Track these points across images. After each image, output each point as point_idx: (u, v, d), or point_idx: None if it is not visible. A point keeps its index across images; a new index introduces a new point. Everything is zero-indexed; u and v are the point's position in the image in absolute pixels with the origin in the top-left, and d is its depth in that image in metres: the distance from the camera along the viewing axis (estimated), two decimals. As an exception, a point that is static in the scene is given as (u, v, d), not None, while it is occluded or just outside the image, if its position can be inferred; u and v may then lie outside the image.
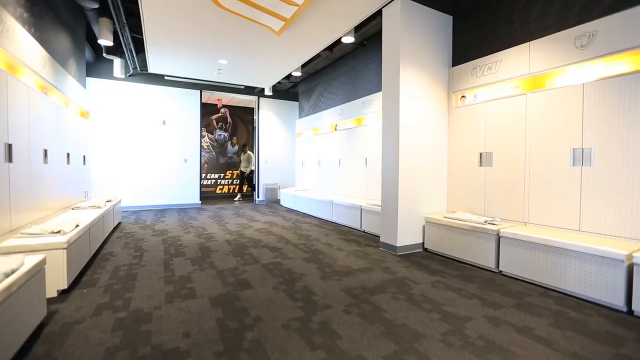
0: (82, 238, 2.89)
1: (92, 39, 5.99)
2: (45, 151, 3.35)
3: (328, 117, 6.87)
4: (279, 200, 8.61)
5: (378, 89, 5.42)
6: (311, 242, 4.20)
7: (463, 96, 3.93)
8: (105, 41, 4.86)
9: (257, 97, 8.54)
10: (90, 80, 6.53)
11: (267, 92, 8.10)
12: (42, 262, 1.95)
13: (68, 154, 4.13)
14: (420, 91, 3.82)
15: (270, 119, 8.76)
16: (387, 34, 3.85)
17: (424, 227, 3.87)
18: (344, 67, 6.40)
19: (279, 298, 2.41)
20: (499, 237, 3.04)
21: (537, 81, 3.14)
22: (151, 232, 4.80)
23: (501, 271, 3.03)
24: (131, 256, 3.48)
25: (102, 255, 3.52)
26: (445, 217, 3.60)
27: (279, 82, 7.66)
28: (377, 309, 2.23)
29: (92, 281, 2.71)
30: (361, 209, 4.95)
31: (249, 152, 9.20)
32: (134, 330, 1.91)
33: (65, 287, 2.38)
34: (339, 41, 5.21)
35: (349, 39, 4.81)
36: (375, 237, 4.52)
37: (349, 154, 6.11)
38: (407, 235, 3.74)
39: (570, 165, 2.87)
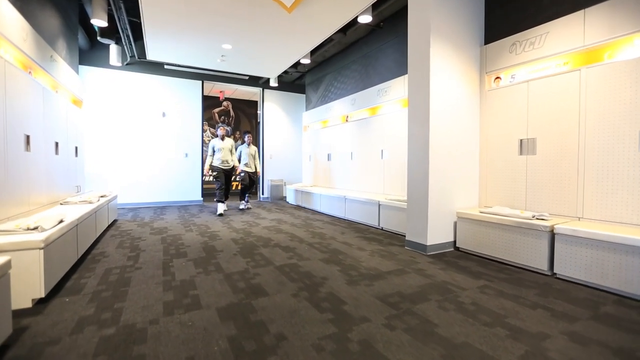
0: (67, 236, 2.46)
1: (86, 25, 5.57)
2: (28, 137, 2.92)
3: (338, 107, 6.44)
4: (285, 197, 8.19)
5: (395, 75, 5.00)
6: (327, 241, 3.77)
7: (497, 77, 3.50)
8: (99, 21, 4.43)
9: (261, 88, 8.12)
10: (84, 69, 6.10)
11: (273, 83, 7.67)
12: (6, 266, 1.53)
13: (57, 143, 3.71)
14: (451, 72, 3.39)
15: (275, 112, 8.34)
16: (414, 8, 3.41)
17: (455, 223, 3.44)
18: (356, 54, 5.96)
19: (303, 308, 1.98)
20: (553, 235, 2.61)
21: (594, 54, 2.70)
22: (149, 230, 4.37)
23: (555, 274, 2.60)
24: (125, 257, 3.05)
25: (93, 255, 3.09)
26: (481, 213, 3.17)
27: (285, 72, 7.23)
28: (426, 323, 1.80)
29: (77, 287, 2.28)
30: (379, 205, 4.52)
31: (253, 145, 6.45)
32: (123, 353, 1.49)
33: (43, 295, 1.95)
34: (353, 22, 4.78)
35: (366, 18, 4.38)
36: (397, 235, 4.09)
37: (363, 146, 5.68)
38: (437, 233, 3.32)
39: (640, 150, 2.45)
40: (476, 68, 3.60)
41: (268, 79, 7.73)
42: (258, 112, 9.91)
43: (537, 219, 2.78)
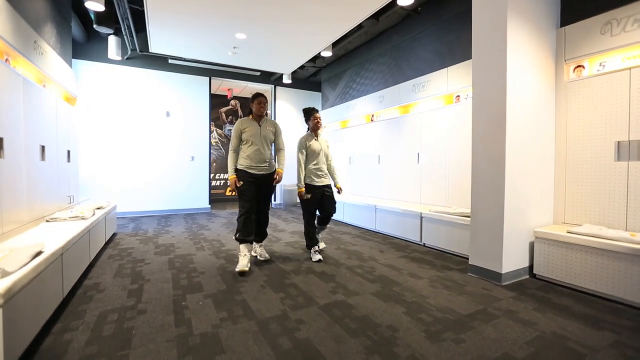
0: (46, 274, 1.82)
1: (81, 14, 4.95)
2: (0, 140, 2.29)
3: (362, 106, 5.80)
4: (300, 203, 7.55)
5: (435, 67, 4.37)
6: (368, 264, 3.13)
7: (579, 66, 2.87)
8: (94, 4, 3.80)
9: (273, 86, 7.50)
10: (79, 63, 5.47)
11: (286, 80, 7.05)
12: None
13: (43, 147, 3.07)
14: (526, 60, 2.75)
15: (288, 111, 7.71)
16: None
17: (531, 245, 2.80)
18: (385, 45, 5.33)
19: (387, 393, 1.34)
20: (694, 269, 1.97)
21: None
22: (153, 247, 3.73)
23: (697, 321, 1.96)
24: (125, 291, 2.41)
25: (84, 289, 2.45)
26: (570, 233, 2.53)
27: (300, 68, 6.60)
28: None
29: (57, 349, 1.64)
30: (421, 217, 3.88)
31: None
32: None
33: (1, 376, 1.31)
34: (389, 6, 4.15)
35: (407, 0, 3.75)
36: (447, 255, 3.45)
37: (393, 149, 5.04)
38: (512, 258, 2.68)
39: None
40: (551, 55, 2.96)
41: (281, 75, 7.10)
42: (268, 111, 9.29)
43: (661, 244, 2.14)
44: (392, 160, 5.05)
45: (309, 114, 3.41)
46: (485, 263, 2.73)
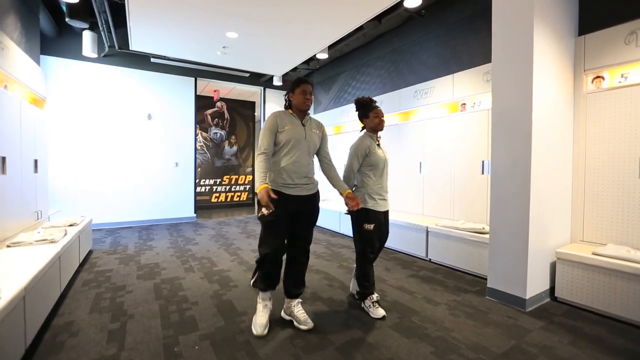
0: (1, 330, 1.45)
1: (53, 8, 4.45)
2: (-53, 154, 1.88)
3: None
4: (290, 211, 7.23)
5: (439, 73, 4.19)
6: (377, 286, 2.87)
7: (598, 77, 2.74)
8: (67, -6, 3.36)
9: (262, 87, 7.15)
10: (50, 60, 4.95)
11: (276, 82, 6.73)
12: None
13: (3, 159, 2.63)
14: (549, 70, 2.58)
15: (279, 115, 7.37)
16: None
17: (552, 265, 2.64)
18: (384, 48, 5.12)
19: None
20: None
21: None
22: (136, 268, 3.34)
23: None
24: (105, 333, 2.04)
25: (53, 332, 2.06)
26: (596, 255, 2.38)
27: (292, 70, 6.29)
28: None
29: None
30: (427, 232, 3.68)
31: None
32: None
33: None
34: (394, 7, 3.92)
35: (415, 2, 3.53)
36: (457, 272, 3.25)
37: (392, 157, 4.78)
38: (534, 281, 2.50)
39: None
40: (570, 65, 2.81)
41: (271, 77, 6.77)
42: (255, 113, 8.93)
43: (699, 270, 2.01)
44: (391, 169, 4.78)
45: (367, 107, 2.39)
46: (506, 287, 2.53)
